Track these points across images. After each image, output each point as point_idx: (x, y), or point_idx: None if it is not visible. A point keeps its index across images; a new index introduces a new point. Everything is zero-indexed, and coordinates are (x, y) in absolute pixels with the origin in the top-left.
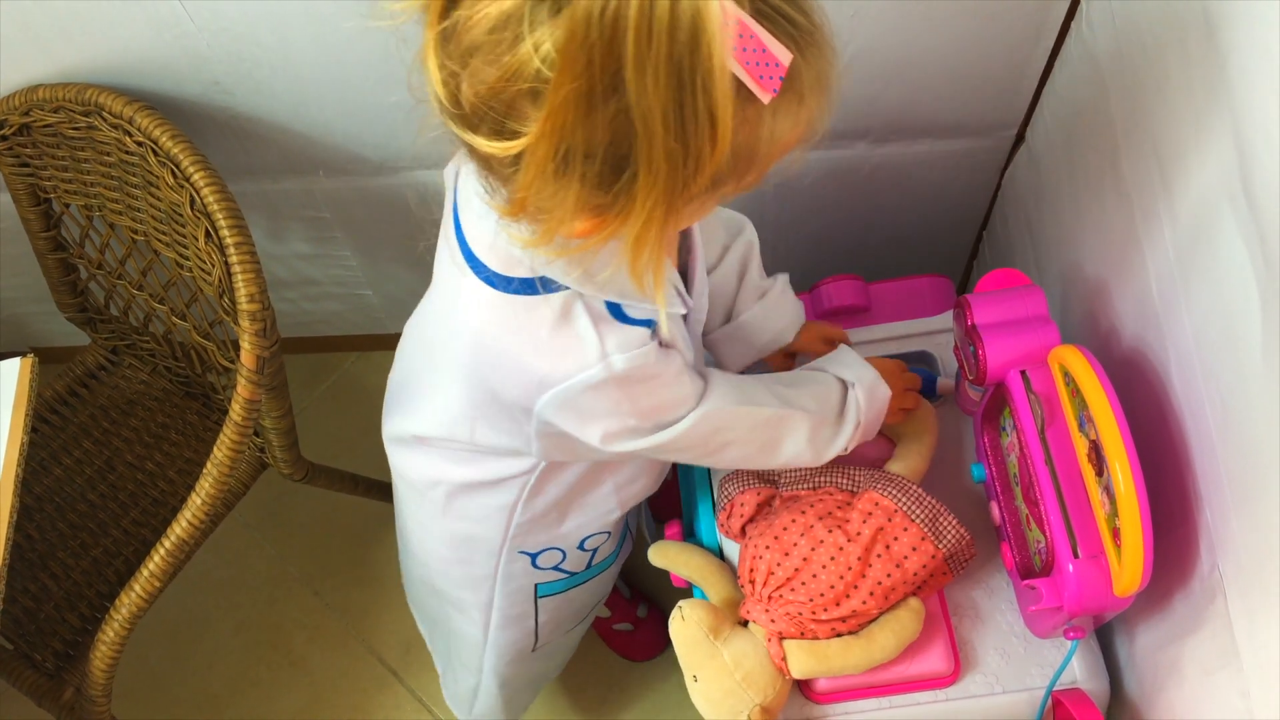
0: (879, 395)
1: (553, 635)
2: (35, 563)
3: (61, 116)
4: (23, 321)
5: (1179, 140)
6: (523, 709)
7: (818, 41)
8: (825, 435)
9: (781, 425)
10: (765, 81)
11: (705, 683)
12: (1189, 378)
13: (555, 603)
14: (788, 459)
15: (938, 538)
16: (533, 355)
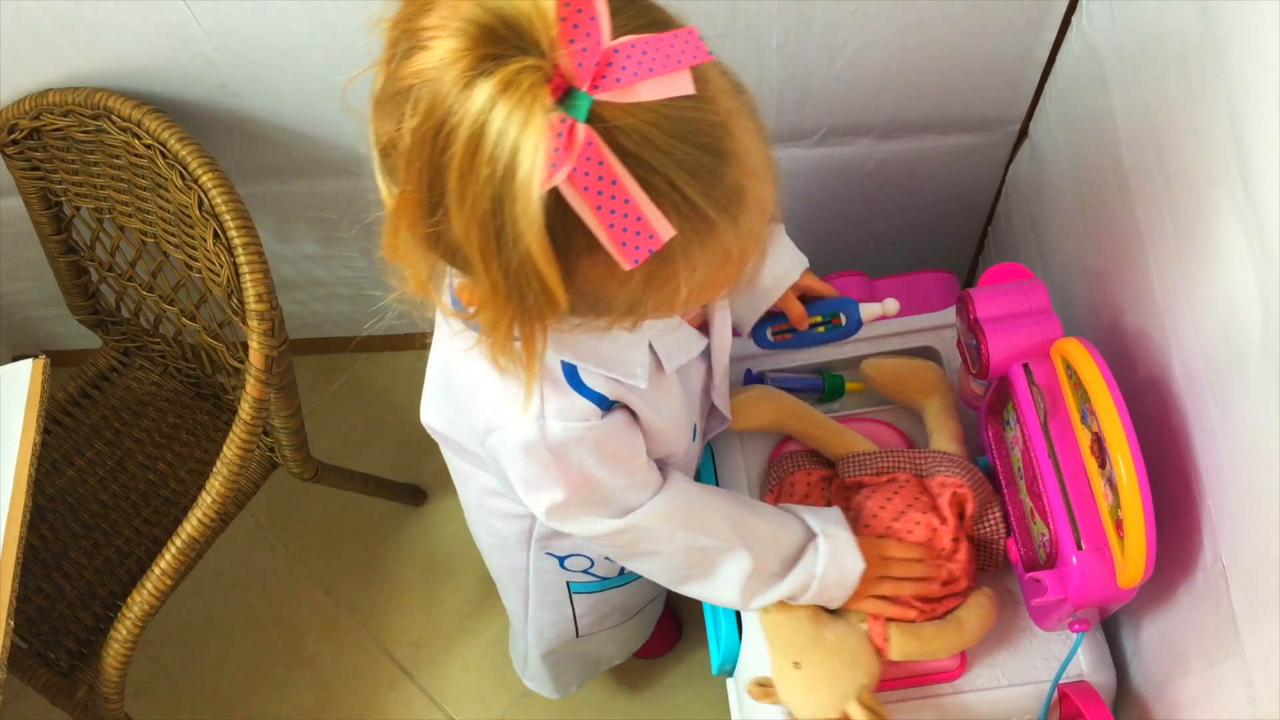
0: (846, 565)
1: (596, 627)
2: (49, 562)
3: (71, 120)
4: (34, 325)
5: (1178, 132)
6: (577, 684)
7: (715, 233)
8: (760, 583)
9: (719, 559)
10: (627, 250)
11: (811, 666)
12: (1190, 369)
13: (591, 600)
14: (712, 595)
15: (980, 521)
16: (484, 391)
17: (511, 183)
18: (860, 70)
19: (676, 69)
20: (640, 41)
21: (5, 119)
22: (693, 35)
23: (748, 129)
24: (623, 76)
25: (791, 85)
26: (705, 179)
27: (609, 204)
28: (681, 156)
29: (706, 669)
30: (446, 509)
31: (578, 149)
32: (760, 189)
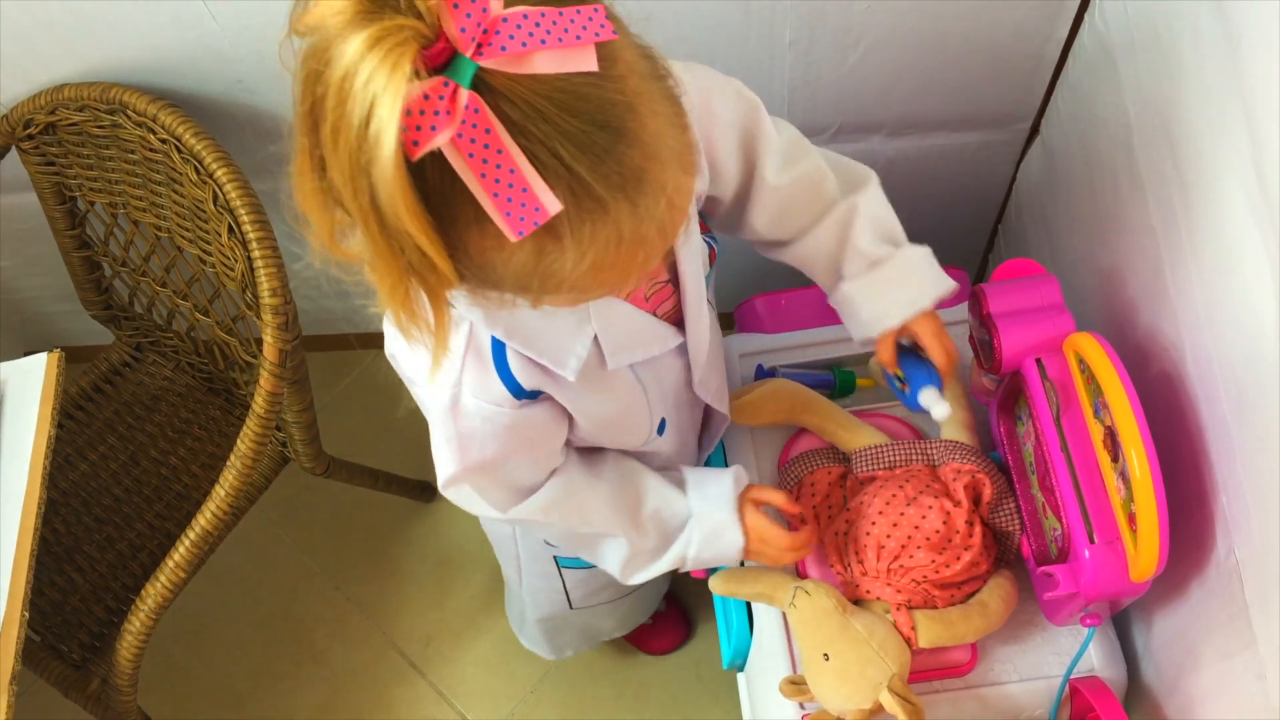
0: (724, 544)
1: (589, 601)
2: (61, 556)
3: (86, 115)
4: (47, 320)
5: (1192, 127)
6: (574, 650)
7: (607, 211)
8: (639, 562)
9: (599, 543)
10: (512, 220)
11: (839, 656)
12: (1204, 363)
13: (580, 575)
14: (601, 566)
15: (995, 510)
16: (401, 358)
17: (373, 142)
18: (872, 67)
19: (575, 44)
20: (534, 13)
21: (21, 114)
22: (599, 12)
23: (659, 113)
24: (509, 45)
25: (803, 82)
26: (597, 155)
27: (494, 172)
28: (572, 131)
29: (715, 665)
30: (456, 506)
31: (460, 114)
32: (666, 174)
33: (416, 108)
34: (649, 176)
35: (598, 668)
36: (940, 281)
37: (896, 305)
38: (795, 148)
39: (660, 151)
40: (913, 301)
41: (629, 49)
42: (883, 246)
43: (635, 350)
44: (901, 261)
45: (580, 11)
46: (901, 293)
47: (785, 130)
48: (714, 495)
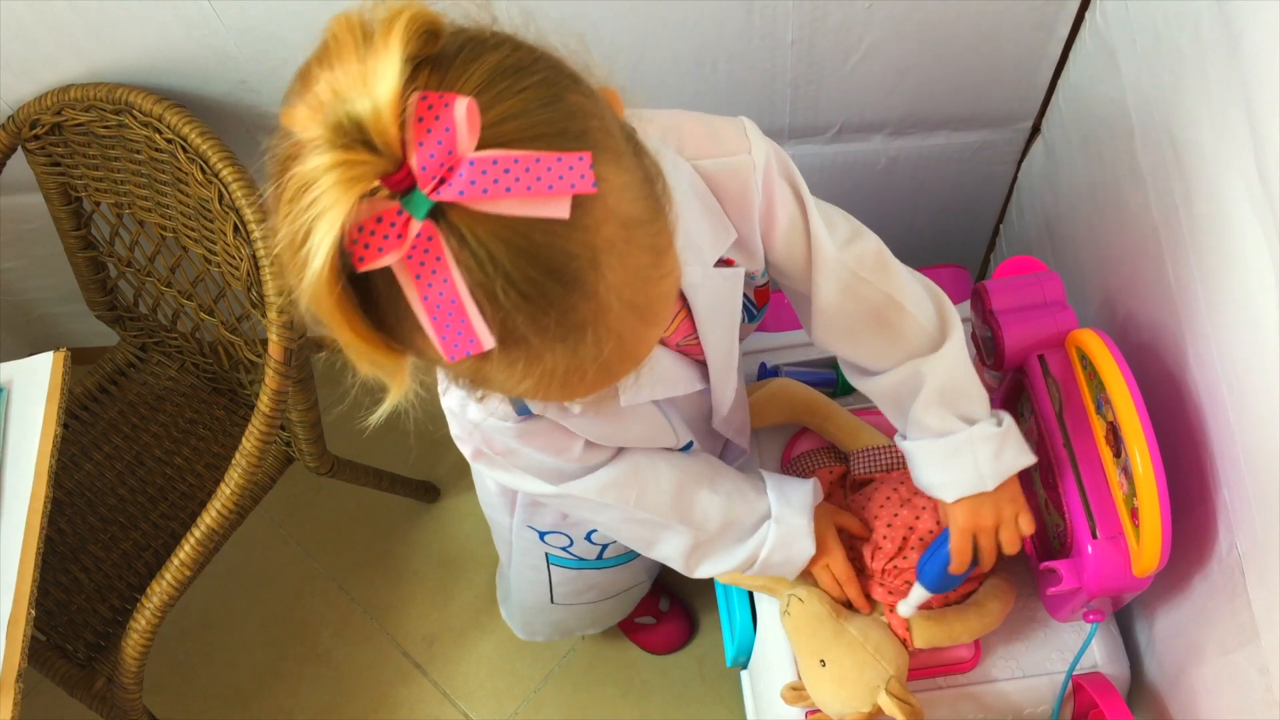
0: (795, 551)
1: (571, 599)
2: (67, 555)
3: (93, 115)
4: (52, 321)
5: (1193, 125)
6: (545, 638)
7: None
8: (704, 554)
9: (658, 533)
10: (447, 344)
11: (836, 661)
12: (1205, 358)
13: (568, 574)
14: (661, 559)
15: None
16: None
17: (305, 257)
18: (874, 67)
19: (545, 195)
20: (506, 158)
21: (27, 114)
22: (583, 161)
23: (628, 266)
24: (468, 190)
25: (806, 81)
26: (540, 306)
27: (436, 298)
28: (520, 278)
29: (719, 665)
30: (460, 506)
31: (410, 240)
32: (619, 325)
33: (368, 227)
34: (597, 328)
35: (601, 667)
36: (1005, 466)
37: (946, 486)
38: (863, 263)
39: (614, 305)
40: (965, 485)
41: (619, 192)
42: (950, 421)
43: (656, 389)
44: (961, 441)
45: (562, 159)
46: (955, 474)
47: (858, 244)
48: (795, 501)
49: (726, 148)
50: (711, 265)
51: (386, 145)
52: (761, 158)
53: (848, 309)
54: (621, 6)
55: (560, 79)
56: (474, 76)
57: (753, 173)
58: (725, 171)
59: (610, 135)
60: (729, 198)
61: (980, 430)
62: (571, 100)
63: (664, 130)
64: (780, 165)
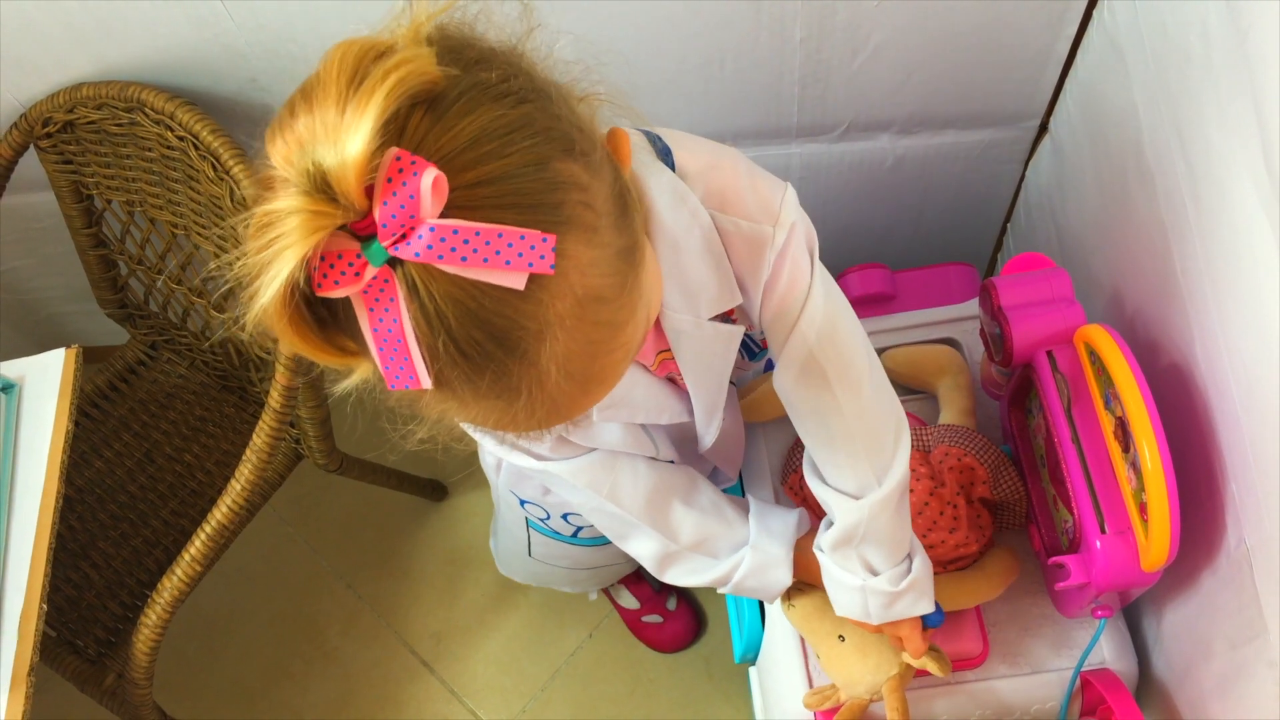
0: (770, 579)
1: (547, 560)
2: (77, 552)
3: (104, 113)
4: (62, 320)
5: (1201, 123)
6: (520, 579)
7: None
8: (674, 563)
9: (629, 531)
10: (389, 374)
11: (853, 631)
12: (1213, 354)
13: (545, 540)
14: (630, 553)
15: (995, 484)
16: None
17: (258, 288)
18: (882, 65)
19: (502, 269)
20: (467, 229)
21: (39, 112)
22: (546, 243)
23: (575, 341)
24: (424, 253)
25: (813, 80)
26: (478, 366)
27: (385, 333)
28: (464, 338)
29: (726, 662)
30: (468, 504)
31: (365, 281)
32: (554, 390)
33: (329, 259)
34: (532, 392)
35: (608, 665)
36: (895, 613)
37: (838, 603)
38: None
39: (553, 374)
40: (853, 613)
41: (583, 269)
42: (851, 562)
43: (636, 413)
44: (857, 588)
45: (524, 237)
46: (844, 601)
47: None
48: (775, 530)
49: (753, 212)
50: (706, 319)
51: (350, 201)
52: (783, 235)
53: (800, 396)
54: (628, 5)
55: (552, 143)
56: (461, 133)
57: (769, 247)
58: (740, 236)
59: (590, 208)
60: (739, 260)
61: (873, 584)
62: (556, 169)
63: (703, 168)
64: (805, 241)
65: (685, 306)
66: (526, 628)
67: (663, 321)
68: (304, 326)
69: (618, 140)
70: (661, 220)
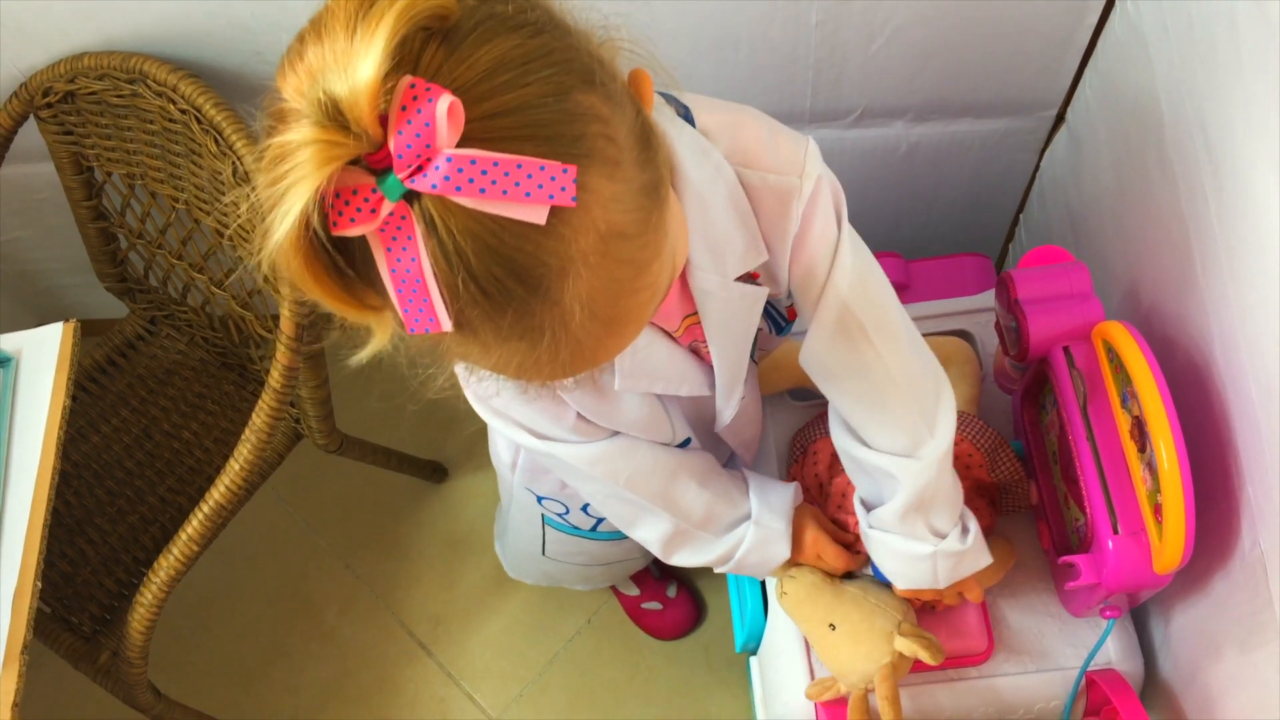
0: (770, 553)
1: (561, 557)
2: (72, 528)
3: (106, 84)
4: (60, 293)
5: (1226, 114)
6: (530, 580)
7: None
8: (681, 543)
9: (640, 515)
10: (408, 317)
11: (844, 620)
12: (1232, 353)
13: (561, 536)
14: (637, 539)
15: (994, 466)
16: None
17: (270, 224)
18: (898, 50)
19: (522, 202)
20: (486, 159)
21: (40, 82)
22: (567, 173)
23: (599, 278)
24: (441, 185)
25: (829, 64)
26: (499, 305)
27: (403, 273)
28: (484, 275)
29: (725, 651)
30: (467, 486)
31: (382, 217)
32: (579, 332)
33: (344, 195)
34: (555, 333)
35: (607, 652)
36: (960, 572)
37: (898, 576)
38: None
39: (577, 314)
40: (917, 582)
41: (605, 204)
42: (918, 529)
43: (656, 382)
44: (925, 555)
45: (545, 168)
46: (910, 572)
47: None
48: (775, 504)
49: (778, 165)
50: (732, 278)
51: (363, 130)
52: (811, 185)
53: (836, 356)
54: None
55: (571, 74)
56: (478, 63)
57: (796, 198)
58: (767, 189)
59: (612, 141)
60: (766, 216)
61: (945, 547)
62: (577, 100)
63: (722, 126)
64: (831, 195)
65: (712, 265)
66: (525, 612)
67: (690, 281)
68: (320, 270)
69: (639, 79)
70: (686, 175)
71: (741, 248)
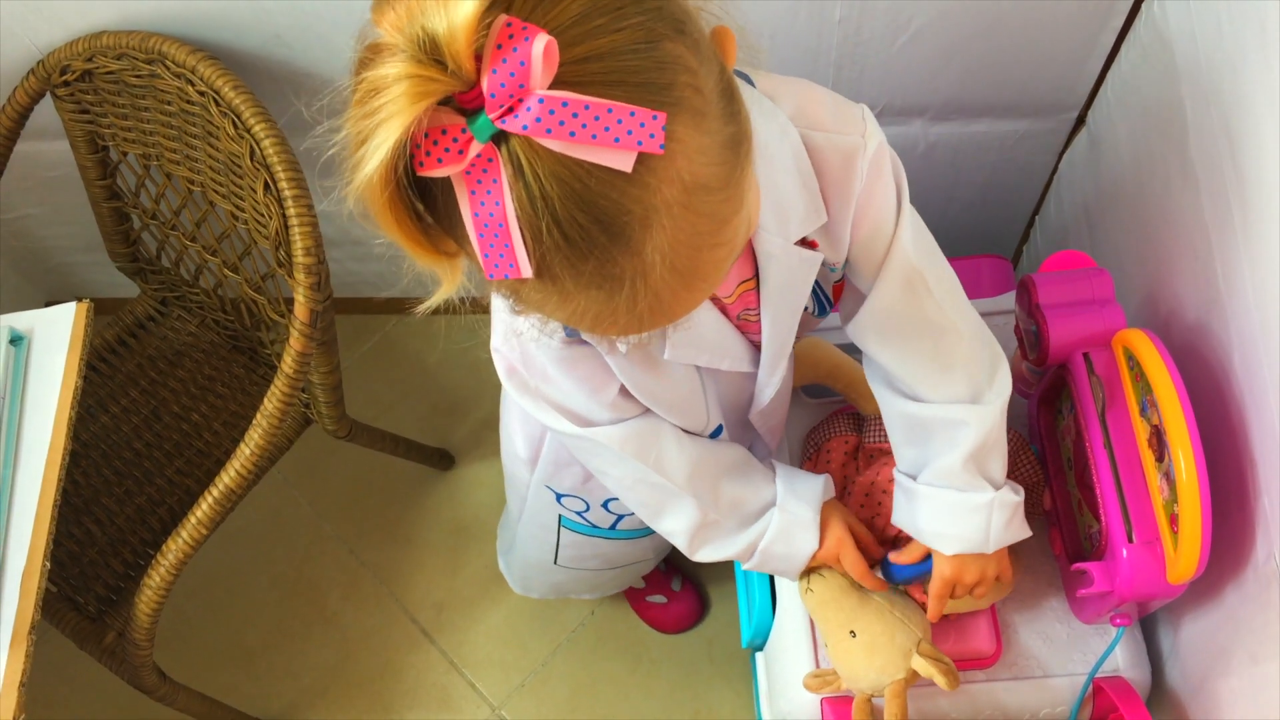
0: (797, 544)
1: (574, 564)
2: (80, 508)
3: (124, 64)
4: (71, 270)
5: (1253, 122)
6: (537, 595)
7: (570, 297)
8: (708, 536)
9: (667, 501)
10: (488, 263)
11: (865, 629)
12: (1252, 364)
13: (577, 539)
14: (664, 533)
15: (1014, 467)
16: None
17: (360, 158)
18: (921, 48)
19: (611, 147)
20: (577, 102)
21: (58, 60)
22: (656, 120)
23: (681, 230)
24: (532, 126)
25: (850, 60)
26: (581, 253)
27: (486, 217)
28: (569, 220)
29: (728, 645)
30: (474, 475)
31: (469, 159)
32: (658, 285)
33: (433, 135)
34: (635, 284)
35: (610, 643)
36: (1010, 535)
37: (948, 538)
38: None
39: (658, 266)
40: (967, 543)
41: (691, 155)
42: (977, 479)
43: (701, 353)
44: (985, 504)
45: (635, 114)
46: (963, 530)
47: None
48: (802, 492)
49: (842, 126)
50: (793, 241)
51: (458, 66)
52: (874, 144)
53: (903, 314)
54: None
55: (662, 22)
56: (571, 6)
57: (861, 155)
58: (832, 148)
59: (699, 93)
60: (830, 177)
61: (1003, 496)
62: (667, 49)
63: (786, 90)
64: (890, 159)
65: (776, 228)
66: (529, 602)
67: (755, 243)
68: (402, 211)
69: (723, 35)
70: (755, 133)
71: (803, 210)
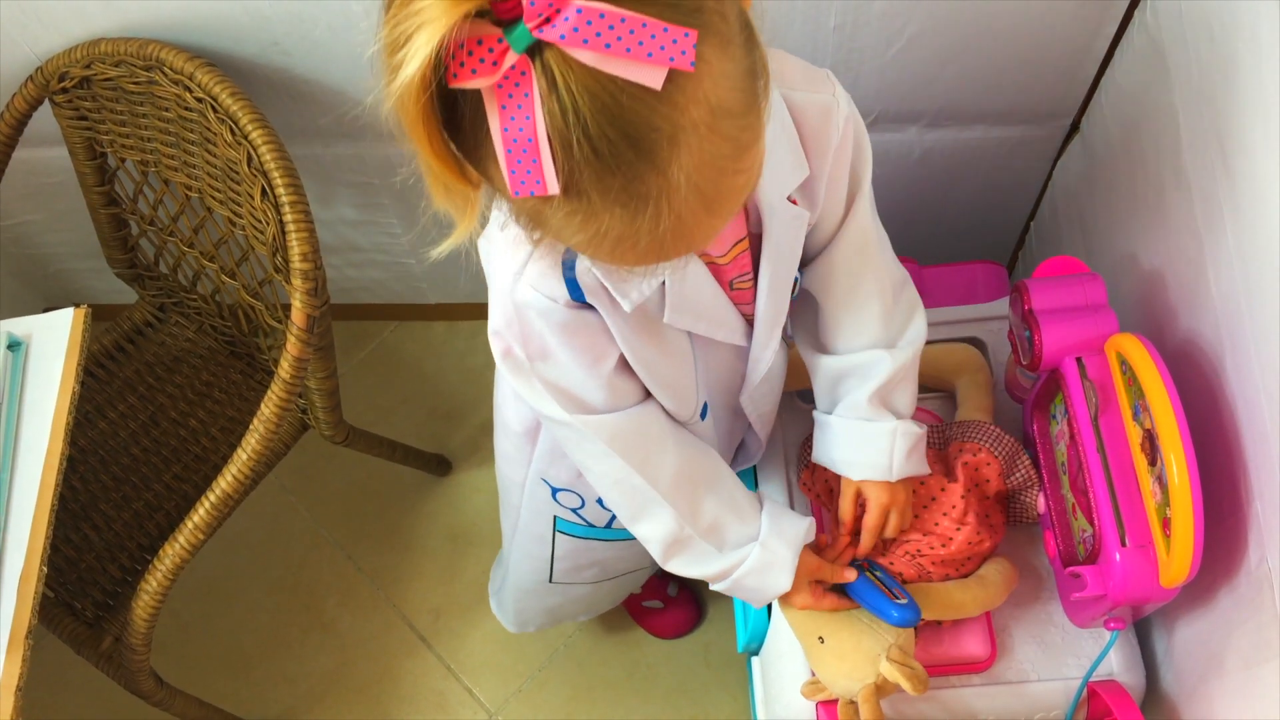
0: (769, 580)
1: (569, 576)
2: (78, 513)
3: (122, 70)
4: (69, 277)
5: (1246, 129)
6: (534, 628)
7: (596, 216)
8: (682, 550)
9: (646, 506)
10: (514, 179)
11: (833, 636)
12: (1244, 369)
13: (572, 544)
14: (641, 538)
15: (1009, 472)
16: (493, 238)
17: (400, 62)
18: (915, 56)
19: (644, 61)
20: (614, 15)
21: (56, 66)
22: (688, 38)
23: (705, 152)
24: (569, 36)
25: (845, 67)
26: (609, 168)
27: (515, 132)
28: (598, 135)
29: (724, 651)
30: (471, 481)
31: (503, 70)
32: (681, 207)
33: (468, 46)
34: (659, 204)
35: (606, 649)
36: (910, 467)
37: (854, 465)
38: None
39: (682, 186)
40: (873, 470)
41: (717, 78)
42: (882, 411)
43: (698, 320)
44: (887, 431)
45: (668, 30)
46: (868, 457)
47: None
48: (787, 533)
49: (814, 85)
50: (784, 196)
51: None
52: (845, 103)
53: (855, 269)
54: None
55: None
56: None
57: (836, 111)
58: (811, 105)
59: (725, 20)
60: (809, 132)
61: (905, 426)
62: None
63: None
64: (858, 122)
65: (773, 184)
66: None
67: (759, 196)
68: (434, 124)
69: None
70: None
71: (789, 165)
